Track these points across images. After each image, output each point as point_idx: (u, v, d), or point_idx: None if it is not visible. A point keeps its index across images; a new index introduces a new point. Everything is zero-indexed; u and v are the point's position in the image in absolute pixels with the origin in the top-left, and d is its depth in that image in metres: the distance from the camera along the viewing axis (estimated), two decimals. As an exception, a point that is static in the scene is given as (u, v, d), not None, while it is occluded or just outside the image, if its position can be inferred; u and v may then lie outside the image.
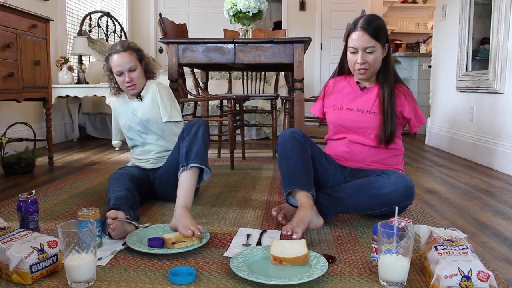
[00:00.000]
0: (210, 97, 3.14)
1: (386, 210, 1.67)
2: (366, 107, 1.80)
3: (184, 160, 1.76)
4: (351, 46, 1.76)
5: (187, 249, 1.42)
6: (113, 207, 1.64)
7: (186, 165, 1.74)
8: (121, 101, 2.11)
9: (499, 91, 3.01)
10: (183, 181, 1.72)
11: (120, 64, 1.95)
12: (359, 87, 1.85)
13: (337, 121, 1.85)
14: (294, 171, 1.71)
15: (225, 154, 3.49)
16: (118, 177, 1.89)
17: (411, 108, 1.78)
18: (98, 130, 4.72)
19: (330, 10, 6.21)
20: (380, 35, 1.72)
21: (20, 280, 1.19)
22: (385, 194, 1.63)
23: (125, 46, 1.98)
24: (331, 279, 1.25)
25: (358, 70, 1.76)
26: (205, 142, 1.81)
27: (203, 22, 6.21)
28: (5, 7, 2.52)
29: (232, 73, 4.57)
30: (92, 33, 4.98)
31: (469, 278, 1.07)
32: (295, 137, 1.76)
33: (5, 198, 2.14)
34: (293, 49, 2.52)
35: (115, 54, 1.96)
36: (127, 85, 1.99)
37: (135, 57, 1.99)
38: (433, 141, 4.24)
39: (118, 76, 1.99)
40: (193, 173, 1.75)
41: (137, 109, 2.05)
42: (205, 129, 1.84)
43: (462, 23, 3.61)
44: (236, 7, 2.86)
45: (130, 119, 2.06)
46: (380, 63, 1.77)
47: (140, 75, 2.01)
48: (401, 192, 1.63)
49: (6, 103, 3.36)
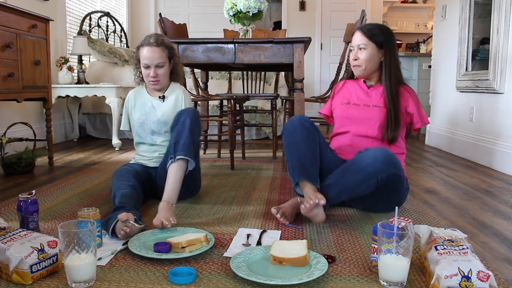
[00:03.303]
0: (210, 97, 3.14)
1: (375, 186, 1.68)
2: (372, 102, 1.93)
3: (172, 151, 1.81)
4: (351, 45, 1.98)
5: (197, 252, 1.39)
6: (119, 205, 1.64)
7: (174, 157, 1.79)
8: (139, 94, 2.10)
9: (499, 91, 3.01)
10: (170, 176, 1.78)
11: (149, 58, 1.95)
12: (366, 85, 1.98)
13: (344, 114, 1.97)
14: (303, 161, 1.74)
15: (225, 154, 3.49)
16: (122, 173, 1.90)
17: (414, 104, 1.91)
18: (98, 130, 4.72)
19: (330, 10, 6.21)
20: (374, 36, 1.89)
21: (20, 280, 1.19)
22: (367, 165, 1.67)
23: (159, 41, 1.97)
24: (331, 279, 1.25)
25: (353, 66, 1.95)
26: (192, 131, 1.83)
27: (203, 22, 6.21)
28: (5, 7, 2.52)
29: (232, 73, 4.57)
30: (92, 33, 4.98)
31: (469, 278, 1.07)
32: (304, 125, 1.81)
33: (5, 198, 2.14)
34: (293, 49, 2.52)
35: (147, 46, 1.96)
36: (150, 79, 1.99)
37: (166, 54, 1.99)
38: (433, 141, 4.24)
39: (144, 69, 1.99)
40: (180, 166, 1.79)
41: (157, 108, 2.05)
42: (193, 118, 1.85)
43: (462, 23, 3.61)
44: (236, 7, 2.86)
45: (145, 115, 2.05)
46: (375, 63, 1.91)
47: (166, 73, 2.02)
48: (381, 160, 1.66)
49: (6, 103, 3.36)
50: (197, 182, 2.13)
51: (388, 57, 1.90)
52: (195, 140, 1.85)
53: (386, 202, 1.83)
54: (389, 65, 1.90)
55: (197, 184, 2.14)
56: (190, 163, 1.83)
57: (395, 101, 1.86)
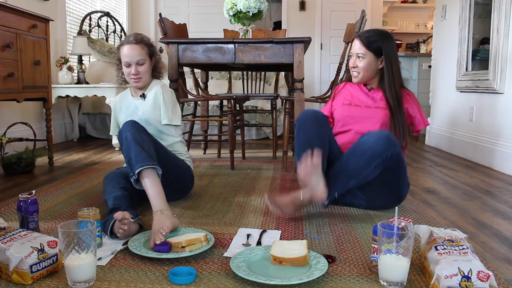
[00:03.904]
0: (210, 97, 3.14)
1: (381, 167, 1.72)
2: (374, 104, 1.97)
3: (130, 171, 1.70)
4: (351, 51, 2.02)
5: (197, 252, 1.39)
6: (114, 207, 1.63)
7: (134, 175, 1.67)
8: (124, 97, 2.12)
9: (499, 91, 3.01)
10: (147, 191, 1.66)
11: (129, 55, 1.95)
12: (367, 88, 2.02)
13: (346, 113, 2.00)
14: (311, 142, 1.76)
15: (225, 154, 3.50)
16: (112, 177, 1.87)
17: (416, 107, 1.96)
18: (98, 130, 4.72)
19: (330, 10, 6.21)
20: (372, 45, 1.92)
21: (20, 280, 1.19)
22: (371, 145, 1.72)
23: (138, 39, 1.98)
24: (331, 279, 1.25)
25: (352, 72, 1.99)
26: (137, 141, 1.71)
27: (203, 22, 6.20)
28: (5, 7, 2.52)
29: (232, 73, 4.57)
30: (92, 33, 4.98)
31: (469, 278, 1.07)
32: (317, 116, 1.85)
33: (5, 198, 2.14)
34: (293, 49, 2.52)
35: (126, 44, 1.97)
36: (132, 77, 1.99)
37: (146, 51, 1.99)
38: (433, 141, 4.24)
39: (125, 67, 1.99)
40: (148, 178, 1.67)
41: (139, 107, 2.04)
42: (131, 129, 1.75)
43: (462, 23, 3.61)
44: (236, 7, 2.86)
45: (129, 116, 2.04)
46: (373, 71, 1.96)
47: (147, 70, 2.01)
48: (384, 139, 1.71)
49: (6, 103, 3.36)
50: (184, 176, 2.03)
51: (389, 63, 1.93)
52: (145, 146, 1.73)
53: (388, 194, 1.86)
54: (391, 71, 1.94)
55: (185, 178, 2.05)
56: (158, 169, 1.71)
57: (400, 107, 1.90)
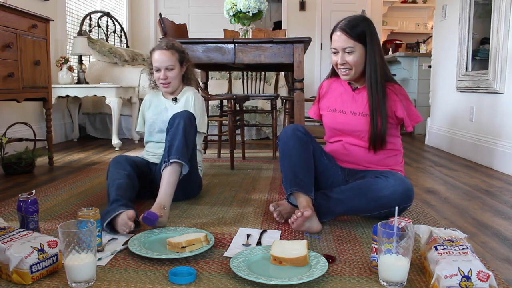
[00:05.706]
0: (210, 97, 3.14)
1: (385, 213, 1.67)
2: (358, 109, 1.79)
3: (166, 155, 1.82)
4: (332, 47, 1.78)
5: (197, 252, 1.39)
6: (116, 198, 1.67)
7: (168, 161, 1.79)
8: (155, 96, 2.20)
9: (499, 91, 3.01)
10: (163, 179, 1.79)
11: (159, 61, 2.04)
12: (351, 87, 1.84)
13: (332, 124, 1.86)
14: (295, 171, 1.70)
15: (225, 154, 3.49)
16: (120, 160, 1.91)
17: (403, 107, 1.75)
18: (98, 130, 4.72)
19: (330, 10, 6.21)
20: (358, 34, 1.70)
21: (20, 280, 1.19)
22: (384, 196, 1.63)
23: (169, 45, 2.06)
24: (331, 279, 1.25)
25: (340, 70, 1.77)
26: (185, 134, 1.84)
27: (203, 22, 6.21)
28: (5, 7, 2.52)
29: (232, 73, 4.57)
30: (92, 33, 4.98)
31: (469, 278, 1.07)
32: (297, 135, 1.74)
33: (5, 198, 2.14)
34: (293, 49, 2.52)
35: (157, 50, 2.06)
36: (161, 82, 2.07)
37: (176, 57, 2.06)
38: (433, 141, 4.24)
39: (156, 72, 2.07)
40: (174, 170, 1.80)
41: (168, 108, 2.12)
42: (187, 121, 1.87)
43: (462, 23, 3.61)
44: (236, 7, 2.86)
45: (157, 114, 2.12)
46: (363, 63, 1.73)
47: (176, 76, 2.08)
48: (400, 194, 1.63)
49: (6, 103, 3.36)
50: (195, 184, 2.11)
51: (372, 53, 1.70)
52: (189, 143, 1.85)
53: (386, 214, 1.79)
54: (374, 62, 1.70)
55: (195, 186, 2.13)
56: (184, 167, 1.84)
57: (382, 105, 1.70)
